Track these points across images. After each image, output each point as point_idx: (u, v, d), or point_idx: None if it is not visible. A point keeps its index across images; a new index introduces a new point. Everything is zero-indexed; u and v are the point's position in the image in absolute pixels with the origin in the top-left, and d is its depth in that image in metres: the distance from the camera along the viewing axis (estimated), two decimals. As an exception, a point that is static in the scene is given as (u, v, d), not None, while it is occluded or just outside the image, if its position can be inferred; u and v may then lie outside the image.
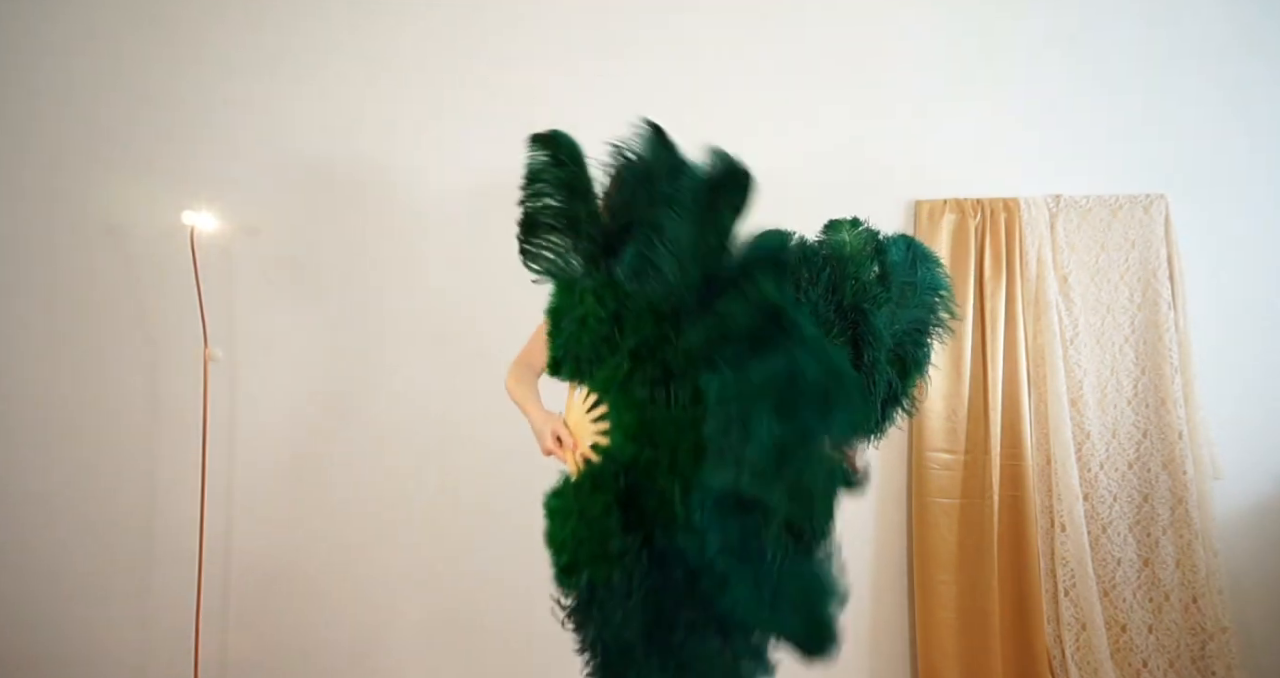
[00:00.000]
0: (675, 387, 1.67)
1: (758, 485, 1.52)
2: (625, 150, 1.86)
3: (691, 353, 1.65)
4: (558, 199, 1.84)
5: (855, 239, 1.91)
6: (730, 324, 1.61)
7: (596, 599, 1.67)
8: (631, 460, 1.70)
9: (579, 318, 1.75)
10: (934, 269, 1.96)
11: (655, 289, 1.66)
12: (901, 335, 1.89)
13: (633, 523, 1.66)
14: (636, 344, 1.69)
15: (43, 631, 2.80)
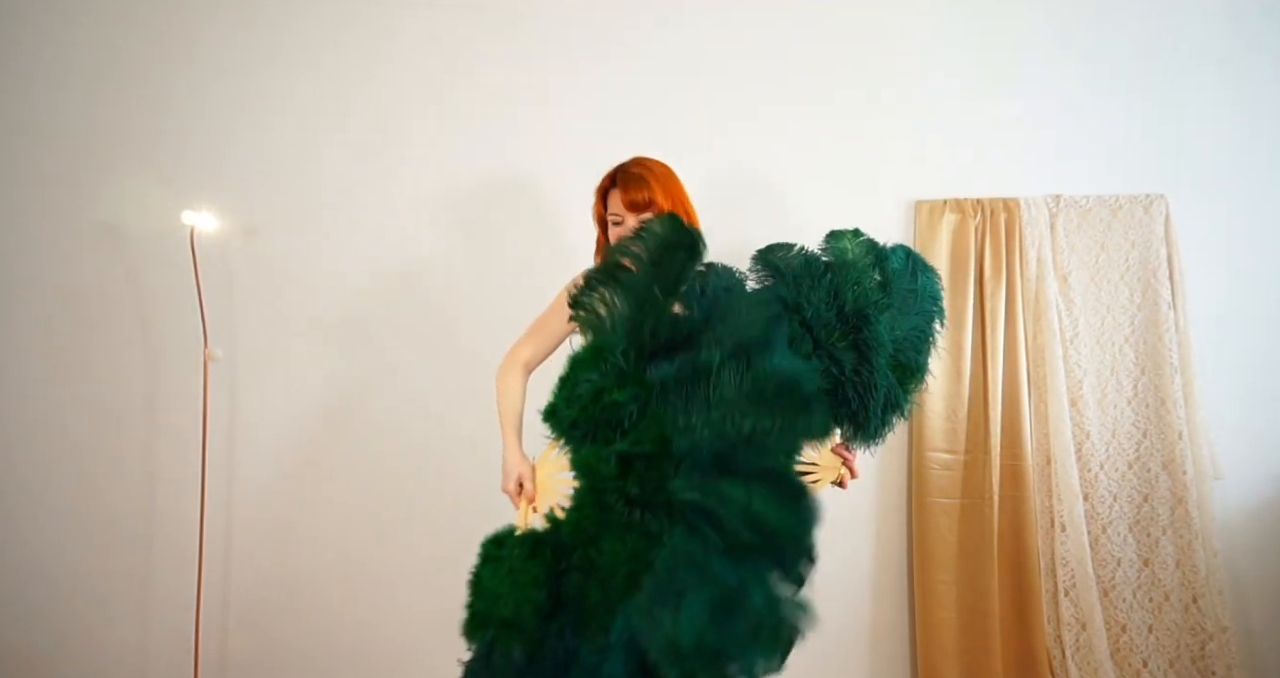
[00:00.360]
0: (645, 515, 1.60)
1: (668, 662, 1.47)
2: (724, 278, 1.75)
3: (671, 503, 1.58)
4: (649, 274, 1.72)
5: (856, 247, 1.91)
6: (717, 521, 1.55)
7: (493, 665, 1.60)
8: (574, 552, 1.64)
9: (596, 389, 1.66)
10: (933, 278, 1.97)
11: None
12: (902, 342, 1.89)
13: (555, 609, 1.59)
14: (631, 453, 1.63)
15: (42, 631, 2.81)
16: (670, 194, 1.98)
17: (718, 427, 1.58)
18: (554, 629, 1.56)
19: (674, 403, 1.63)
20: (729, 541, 1.54)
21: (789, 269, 1.89)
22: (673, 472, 1.60)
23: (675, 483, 1.59)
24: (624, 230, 1.97)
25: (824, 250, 1.93)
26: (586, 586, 1.58)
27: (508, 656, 1.57)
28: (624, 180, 1.98)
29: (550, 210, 2.81)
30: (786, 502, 1.59)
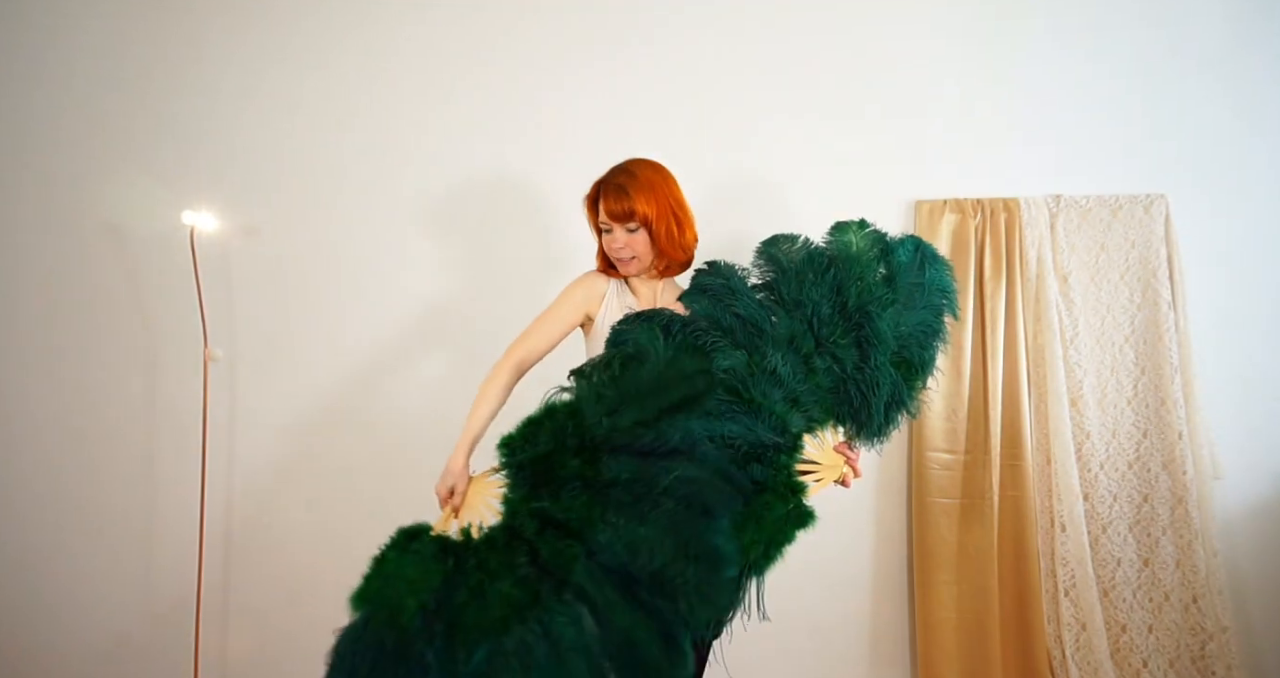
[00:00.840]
0: (541, 579, 1.62)
1: None
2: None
3: (567, 582, 1.62)
4: (653, 385, 1.75)
5: (861, 240, 1.90)
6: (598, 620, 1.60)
7: (363, 642, 1.59)
8: (472, 574, 1.65)
9: (551, 449, 1.71)
10: (942, 271, 1.95)
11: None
12: (907, 338, 1.88)
13: (436, 615, 1.59)
14: (553, 518, 1.66)
15: (42, 630, 2.81)
16: (655, 200, 1.96)
17: (634, 546, 1.60)
18: (427, 633, 1.56)
19: (615, 496, 1.65)
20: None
21: (791, 264, 1.89)
22: (583, 554, 1.62)
23: (579, 567, 1.61)
24: (613, 239, 1.97)
25: (828, 243, 1.92)
26: (469, 606, 1.59)
27: (379, 640, 1.56)
28: (604, 191, 1.98)
29: (550, 211, 2.81)
30: (662, 645, 1.60)
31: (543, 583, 1.61)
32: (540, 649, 1.54)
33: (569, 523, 1.65)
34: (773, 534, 1.67)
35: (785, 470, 1.74)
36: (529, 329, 2.03)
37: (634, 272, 2.03)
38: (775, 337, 1.82)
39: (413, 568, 1.64)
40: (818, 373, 1.82)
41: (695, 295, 1.91)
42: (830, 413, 1.83)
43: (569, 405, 1.75)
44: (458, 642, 1.55)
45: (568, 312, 2.04)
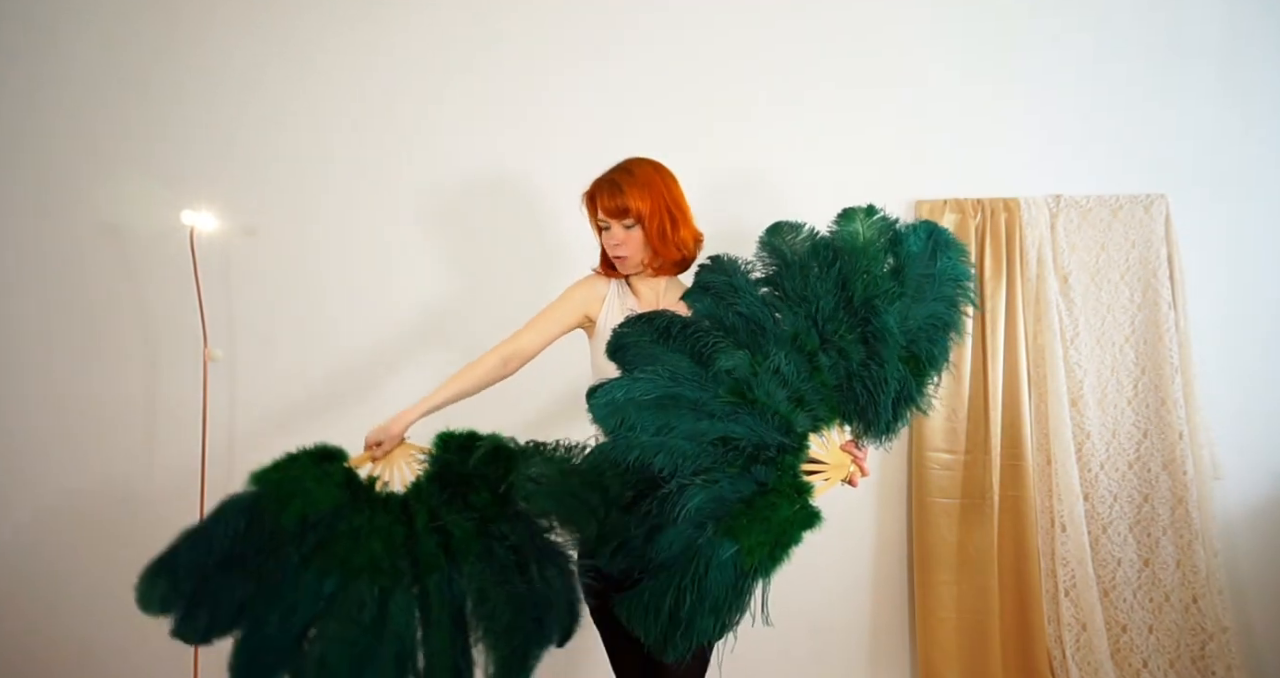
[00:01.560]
0: (400, 566, 1.73)
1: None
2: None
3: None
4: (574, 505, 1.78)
5: (869, 229, 1.88)
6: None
7: (245, 510, 1.70)
8: (359, 514, 1.77)
9: (479, 474, 1.82)
10: (956, 258, 1.91)
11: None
12: (916, 331, 1.84)
13: (299, 535, 1.70)
14: (444, 524, 1.78)
15: (42, 631, 2.81)
16: (650, 196, 1.96)
17: (483, 597, 1.72)
18: (299, 539, 1.69)
19: (495, 549, 1.75)
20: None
21: (795, 257, 1.88)
22: (447, 570, 1.73)
23: (437, 577, 1.72)
24: (610, 236, 1.98)
25: (834, 233, 1.91)
26: (344, 540, 1.72)
27: (259, 522, 1.69)
28: (600, 189, 1.99)
29: (550, 211, 2.81)
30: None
31: (404, 566, 1.72)
32: (369, 613, 1.65)
33: (450, 538, 1.75)
34: (779, 536, 1.66)
35: (791, 471, 1.73)
36: (525, 326, 2.04)
37: (629, 270, 2.03)
38: (779, 334, 1.81)
39: (315, 482, 1.75)
40: (823, 371, 1.80)
41: (698, 294, 1.91)
42: (836, 411, 1.81)
43: (512, 451, 1.82)
44: (320, 562, 1.68)
45: (565, 313, 2.04)
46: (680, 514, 1.63)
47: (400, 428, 1.91)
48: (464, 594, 1.74)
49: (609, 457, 1.69)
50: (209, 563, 1.68)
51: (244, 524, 1.69)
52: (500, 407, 2.80)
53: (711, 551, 1.62)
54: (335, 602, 1.68)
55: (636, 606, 1.66)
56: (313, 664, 1.65)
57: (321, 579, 1.68)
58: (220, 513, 1.73)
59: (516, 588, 1.74)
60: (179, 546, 1.72)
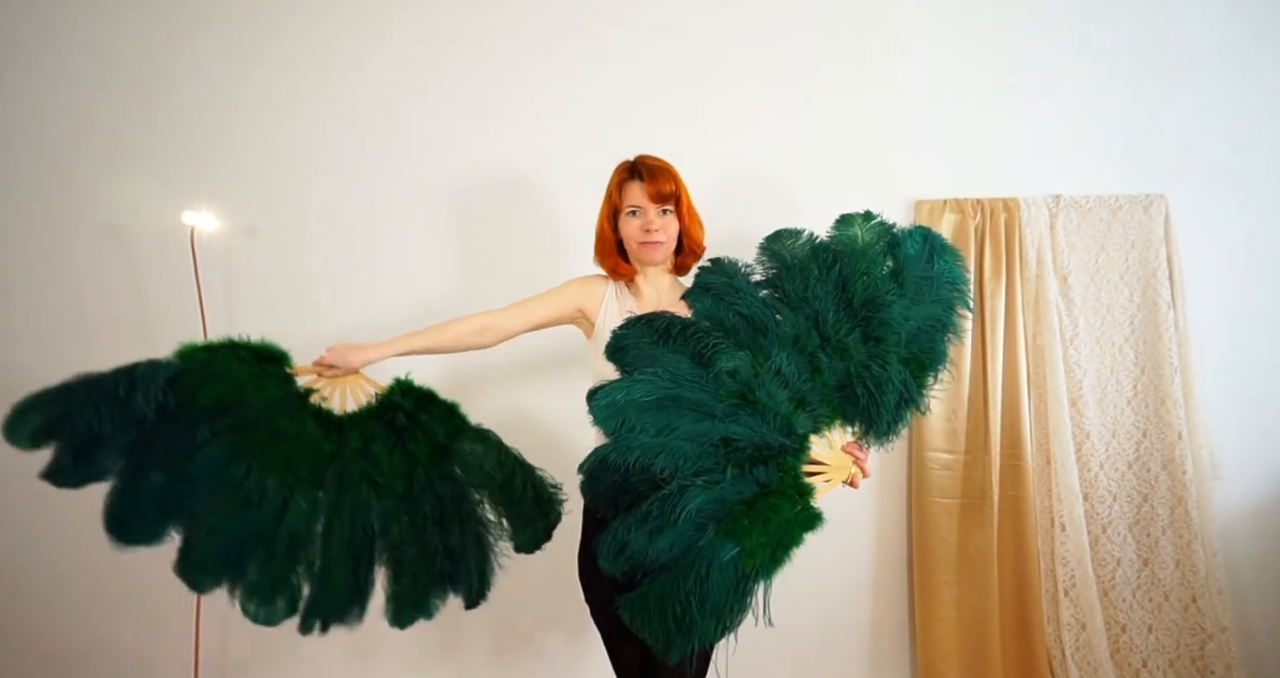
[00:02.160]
0: (315, 476, 1.86)
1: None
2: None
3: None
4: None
5: (867, 233, 1.89)
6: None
7: (166, 379, 1.74)
8: (286, 419, 1.86)
9: (428, 429, 1.94)
10: (952, 262, 1.92)
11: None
12: (915, 333, 1.85)
13: (215, 416, 1.78)
14: (378, 460, 1.89)
15: (43, 631, 2.81)
16: (682, 189, 2.01)
17: (386, 524, 1.89)
18: (211, 421, 1.77)
19: (421, 500, 1.90)
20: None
21: (795, 260, 1.88)
22: (367, 497, 1.87)
23: (348, 500, 1.86)
24: (645, 222, 1.98)
25: (833, 237, 1.91)
26: (260, 431, 1.80)
27: (175, 391, 1.74)
28: (649, 173, 1.99)
29: (550, 209, 2.81)
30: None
31: (322, 481, 1.83)
32: (271, 505, 1.77)
33: (379, 474, 1.87)
34: (780, 537, 1.66)
35: (792, 472, 1.73)
36: (513, 304, 2.05)
37: (659, 258, 2.03)
38: (780, 335, 1.82)
39: (248, 376, 1.81)
40: (824, 372, 1.80)
41: (698, 294, 1.91)
42: (838, 412, 1.81)
43: (464, 418, 1.95)
44: (231, 444, 1.77)
45: (556, 301, 2.05)
46: (681, 516, 1.63)
47: (359, 362, 1.93)
48: (376, 524, 1.85)
49: (610, 459, 1.69)
50: (103, 415, 1.71)
51: (156, 391, 1.73)
52: (501, 406, 2.81)
53: (713, 552, 1.63)
54: (237, 485, 1.76)
55: (639, 607, 1.66)
56: (203, 531, 1.75)
57: (229, 461, 1.77)
58: (132, 373, 1.75)
59: (430, 537, 1.88)
60: (71, 389, 1.75)
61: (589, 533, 1.97)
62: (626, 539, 1.65)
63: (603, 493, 1.72)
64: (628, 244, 2.03)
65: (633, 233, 2.01)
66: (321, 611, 1.84)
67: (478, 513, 1.95)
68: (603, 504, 1.73)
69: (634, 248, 2.02)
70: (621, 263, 2.06)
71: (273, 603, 1.81)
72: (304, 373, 1.91)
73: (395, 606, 1.89)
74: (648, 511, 1.65)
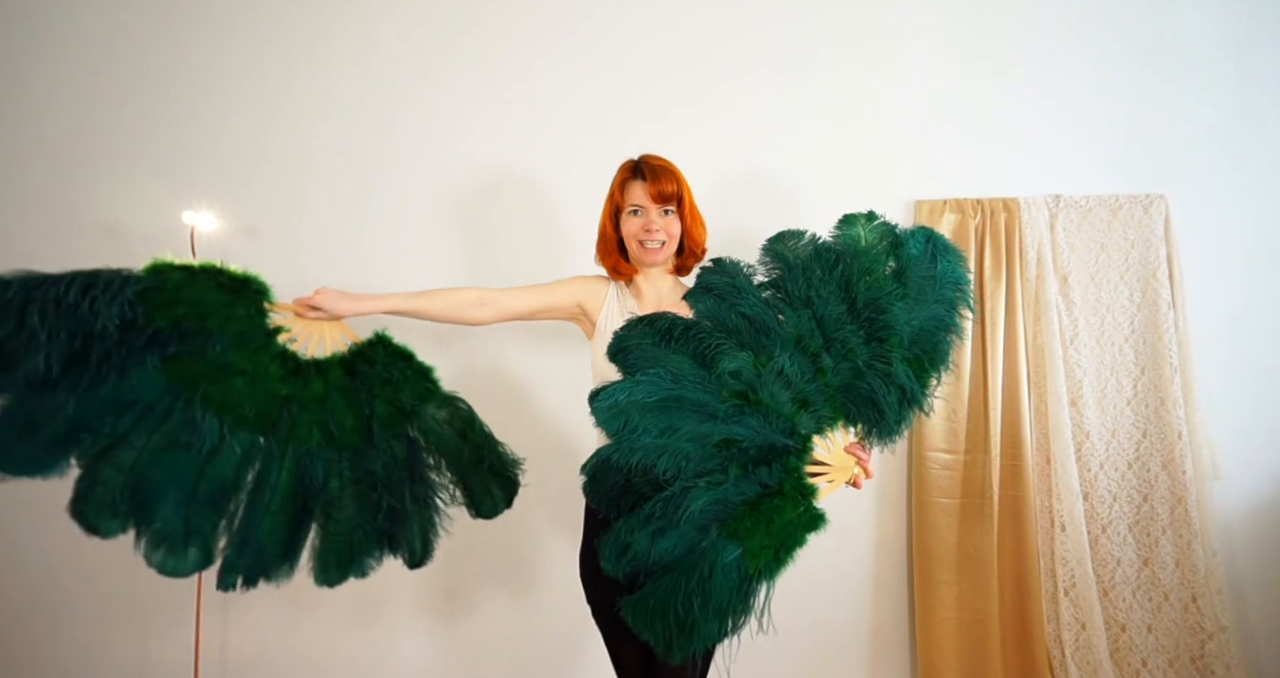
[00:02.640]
0: (266, 417, 1.78)
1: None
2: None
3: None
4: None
5: (870, 234, 1.89)
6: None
7: (135, 291, 1.67)
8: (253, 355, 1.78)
9: (396, 393, 1.86)
10: (954, 263, 1.92)
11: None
12: (919, 333, 1.85)
13: (166, 339, 1.69)
14: (335, 411, 1.82)
15: (43, 631, 2.80)
16: (685, 189, 2.01)
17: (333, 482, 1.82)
18: (162, 342, 1.67)
19: (379, 466, 1.84)
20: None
21: (798, 261, 1.88)
22: (315, 446, 1.80)
23: (291, 449, 1.78)
24: (647, 221, 1.98)
25: (835, 237, 1.91)
26: (215, 370, 1.71)
27: (109, 302, 1.63)
28: (652, 172, 1.99)
29: (552, 209, 2.81)
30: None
31: (268, 423, 1.75)
32: (204, 444, 1.67)
33: (334, 425, 1.80)
34: (783, 538, 1.66)
35: (795, 473, 1.73)
36: (517, 286, 2.04)
37: (659, 259, 2.03)
38: (782, 336, 1.81)
39: (218, 303, 1.74)
40: (826, 372, 1.80)
41: (700, 295, 1.90)
42: (840, 412, 1.81)
43: (435, 383, 1.89)
44: (176, 375, 1.67)
45: (558, 291, 2.05)
46: (684, 517, 1.63)
47: (348, 310, 1.89)
48: (319, 477, 1.77)
49: (613, 460, 1.69)
50: (45, 318, 1.59)
51: (122, 305, 1.63)
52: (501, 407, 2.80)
53: (716, 553, 1.63)
54: (163, 418, 1.65)
55: (641, 608, 1.66)
56: (110, 467, 1.63)
57: (164, 391, 1.66)
58: (93, 278, 1.65)
59: (375, 496, 1.82)
60: (8, 282, 1.61)
61: (590, 534, 1.97)
62: (629, 540, 1.64)
63: (605, 494, 1.72)
64: (629, 244, 2.03)
65: (634, 232, 2.01)
66: (245, 565, 1.76)
67: (429, 477, 1.90)
68: (605, 505, 1.73)
69: (635, 248, 2.02)
70: (622, 262, 2.06)
71: (183, 553, 1.69)
72: (282, 310, 1.84)
73: (320, 562, 1.82)
74: (650, 512, 1.65)
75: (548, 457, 2.79)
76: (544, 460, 2.85)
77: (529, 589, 2.83)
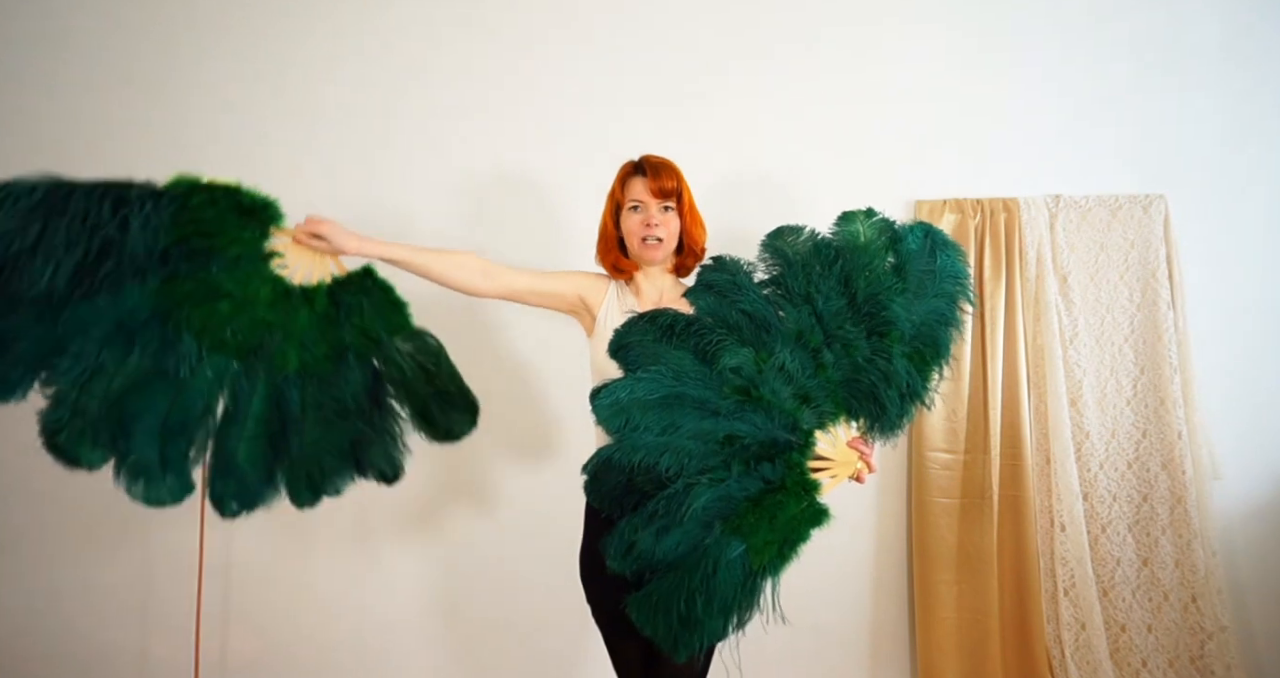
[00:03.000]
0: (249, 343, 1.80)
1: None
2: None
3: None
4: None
5: (869, 229, 1.89)
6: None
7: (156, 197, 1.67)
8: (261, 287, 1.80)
9: (373, 327, 1.89)
10: (953, 257, 1.92)
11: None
12: (919, 327, 1.85)
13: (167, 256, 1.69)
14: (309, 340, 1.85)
15: (43, 630, 2.80)
16: (685, 188, 2.02)
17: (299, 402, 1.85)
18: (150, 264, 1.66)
19: (348, 387, 1.89)
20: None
21: (797, 257, 1.88)
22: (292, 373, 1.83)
23: (262, 382, 1.81)
24: (647, 217, 1.99)
25: (834, 234, 1.91)
26: (187, 283, 1.70)
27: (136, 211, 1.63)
28: (652, 169, 2.00)
29: (553, 206, 2.81)
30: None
31: (243, 347, 1.75)
32: (180, 368, 1.68)
33: (307, 353, 1.81)
34: (787, 534, 1.66)
35: (798, 469, 1.73)
36: (524, 268, 2.05)
37: (658, 257, 2.03)
38: (783, 332, 1.81)
39: (231, 223, 1.75)
40: (827, 367, 1.80)
41: (700, 292, 1.90)
42: (842, 407, 1.80)
43: (406, 318, 1.93)
44: (160, 292, 1.67)
45: (563, 279, 2.06)
46: (687, 514, 1.63)
47: (353, 248, 1.89)
48: (293, 403, 1.80)
49: (615, 459, 1.69)
50: (74, 231, 1.57)
51: (159, 221, 1.63)
52: (502, 408, 2.80)
53: (719, 550, 1.63)
54: (149, 342, 1.65)
55: (645, 606, 1.66)
56: (95, 396, 1.64)
57: (156, 313, 1.66)
58: (125, 190, 1.64)
59: (344, 423, 1.85)
60: (51, 188, 1.59)
61: (590, 533, 1.97)
62: (633, 539, 1.64)
63: (608, 493, 1.72)
64: (628, 240, 2.03)
65: (634, 228, 2.01)
66: (233, 492, 1.78)
67: (390, 405, 1.92)
68: (608, 505, 1.73)
69: (634, 244, 2.02)
70: (622, 259, 2.06)
71: (161, 482, 1.71)
72: (284, 235, 1.84)
73: (292, 487, 1.85)
74: (653, 509, 1.65)
75: (547, 456, 2.79)
76: (544, 460, 2.85)
77: (529, 589, 2.83)
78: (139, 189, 1.66)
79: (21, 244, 1.55)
